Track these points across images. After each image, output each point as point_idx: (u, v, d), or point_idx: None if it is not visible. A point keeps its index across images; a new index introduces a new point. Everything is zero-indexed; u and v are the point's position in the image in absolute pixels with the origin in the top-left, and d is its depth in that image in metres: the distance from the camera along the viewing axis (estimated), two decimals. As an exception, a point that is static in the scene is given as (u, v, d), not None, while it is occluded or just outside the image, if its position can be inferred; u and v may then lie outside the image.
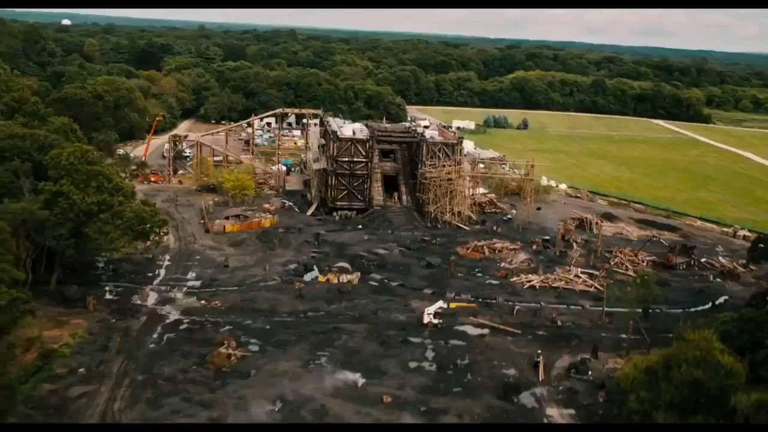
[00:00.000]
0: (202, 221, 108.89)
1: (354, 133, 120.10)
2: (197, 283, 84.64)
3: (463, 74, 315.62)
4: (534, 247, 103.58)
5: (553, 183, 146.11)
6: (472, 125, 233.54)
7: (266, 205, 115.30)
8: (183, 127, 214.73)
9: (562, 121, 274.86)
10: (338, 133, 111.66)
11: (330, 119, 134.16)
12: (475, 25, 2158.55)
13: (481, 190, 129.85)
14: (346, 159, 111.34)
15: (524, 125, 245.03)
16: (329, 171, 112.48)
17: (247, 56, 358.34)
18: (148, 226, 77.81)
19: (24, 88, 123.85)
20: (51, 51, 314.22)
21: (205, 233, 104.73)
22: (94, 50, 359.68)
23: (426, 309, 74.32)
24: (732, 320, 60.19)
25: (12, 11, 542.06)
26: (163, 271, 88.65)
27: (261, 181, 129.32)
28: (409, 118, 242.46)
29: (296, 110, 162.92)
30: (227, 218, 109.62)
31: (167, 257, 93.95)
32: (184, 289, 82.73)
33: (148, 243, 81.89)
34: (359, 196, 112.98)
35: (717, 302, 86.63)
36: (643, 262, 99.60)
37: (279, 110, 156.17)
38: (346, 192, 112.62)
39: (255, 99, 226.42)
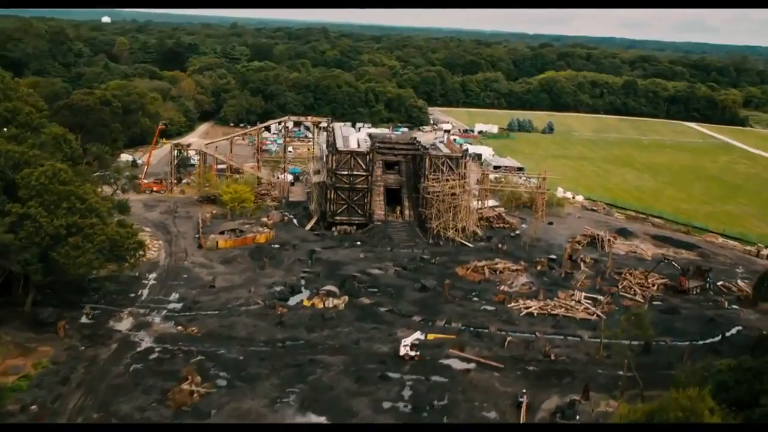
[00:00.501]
0: (196, 235, 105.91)
1: (358, 144, 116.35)
2: (178, 306, 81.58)
3: (490, 75, 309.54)
4: (539, 267, 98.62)
5: (569, 194, 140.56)
6: (495, 129, 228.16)
7: (264, 219, 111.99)
8: (201, 130, 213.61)
9: (590, 124, 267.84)
10: (337, 146, 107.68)
11: (337, 126, 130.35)
12: (514, 21, 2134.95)
13: (491, 202, 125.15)
14: (346, 172, 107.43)
15: (549, 129, 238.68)
16: (328, 184, 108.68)
17: (274, 56, 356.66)
18: (123, 248, 74.69)
19: (23, 97, 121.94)
20: (78, 51, 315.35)
21: (198, 249, 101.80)
22: (123, 49, 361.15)
23: (403, 340, 70.16)
24: (729, 369, 54.92)
25: (49, 11, 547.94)
26: (146, 291, 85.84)
27: (263, 192, 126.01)
28: (431, 121, 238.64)
29: (302, 119, 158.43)
30: (222, 233, 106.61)
31: (154, 275, 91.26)
32: (164, 312, 79.61)
33: (126, 265, 78.60)
34: (359, 211, 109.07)
35: (728, 334, 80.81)
36: (653, 285, 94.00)
37: (285, 118, 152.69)
38: (345, 206, 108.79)
39: (274, 102, 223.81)
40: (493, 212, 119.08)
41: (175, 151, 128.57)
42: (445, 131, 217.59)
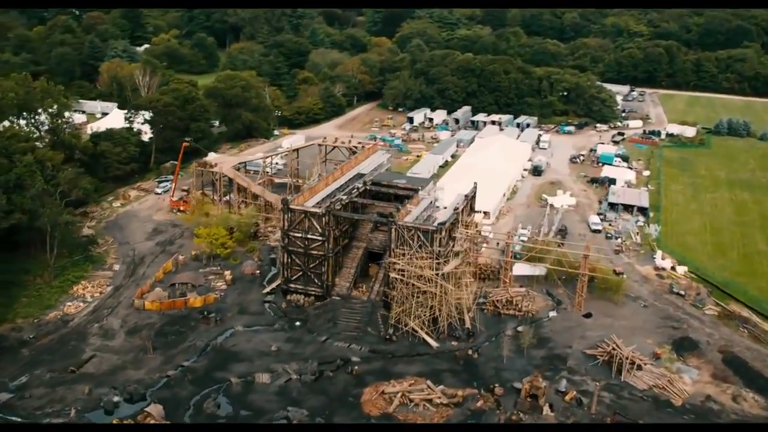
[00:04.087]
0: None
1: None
2: (6, 398, 72.63)
3: (736, 52, 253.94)
4: (480, 402, 73.42)
5: (667, 263, 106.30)
6: (691, 132, 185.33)
7: (226, 273, 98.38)
8: (349, 116, 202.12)
9: None
10: (288, 203, 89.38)
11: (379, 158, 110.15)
12: None
13: (522, 269, 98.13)
14: (300, 234, 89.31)
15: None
16: (281, 246, 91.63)
17: (507, 19, 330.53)
18: None
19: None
20: (301, 13, 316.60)
21: (131, 305, 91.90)
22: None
23: None
24: None
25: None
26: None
27: (270, 228, 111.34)
28: (622, 114, 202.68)
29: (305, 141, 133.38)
30: (173, 285, 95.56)
31: (45, 341, 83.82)
32: (-19, 405, 71.30)
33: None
34: (316, 281, 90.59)
35: None
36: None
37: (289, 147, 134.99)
38: (301, 273, 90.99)
39: (434, 86, 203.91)
40: (506, 293, 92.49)
41: (199, 172, 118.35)
42: (617, 134, 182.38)
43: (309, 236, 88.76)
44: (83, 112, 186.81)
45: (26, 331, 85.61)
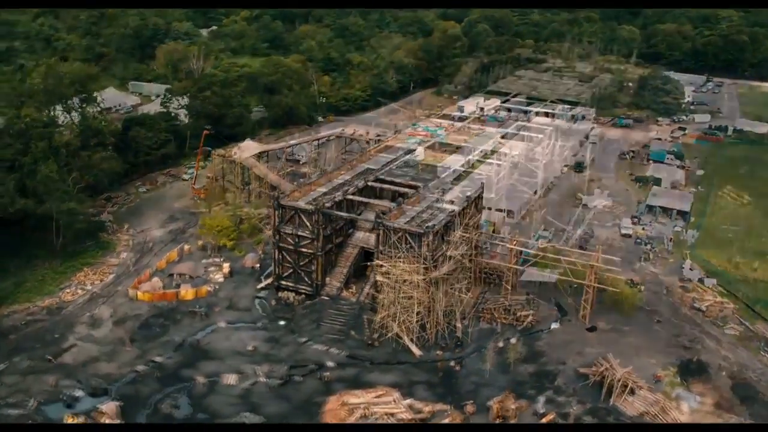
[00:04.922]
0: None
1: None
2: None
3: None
4: (448, 420, 69.68)
5: (693, 274, 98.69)
6: (765, 128, 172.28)
7: (224, 265, 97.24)
8: (402, 102, 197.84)
9: None
10: (280, 198, 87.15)
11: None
12: None
13: (538, 277, 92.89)
14: (290, 231, 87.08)
15: None
16: (272, 242, 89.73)
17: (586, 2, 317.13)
18: None
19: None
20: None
21: (126, 295, 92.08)
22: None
23: None
24: None
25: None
26: (-8, 354, 79.74)
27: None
28: (690, 107, 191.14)
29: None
30: (171, 275, 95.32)
31: (36, 327, 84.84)
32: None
33: None
34: (306, 279, 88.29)
35: None
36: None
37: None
38: (292, 270, 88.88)
39: (491, 73, 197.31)
40: (504, 301, 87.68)
41: (217, 159, 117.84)
42: (678, 129, 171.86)
43: (299, 233, 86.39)
44: (140, 94, 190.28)
45: (19, 317, 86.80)
